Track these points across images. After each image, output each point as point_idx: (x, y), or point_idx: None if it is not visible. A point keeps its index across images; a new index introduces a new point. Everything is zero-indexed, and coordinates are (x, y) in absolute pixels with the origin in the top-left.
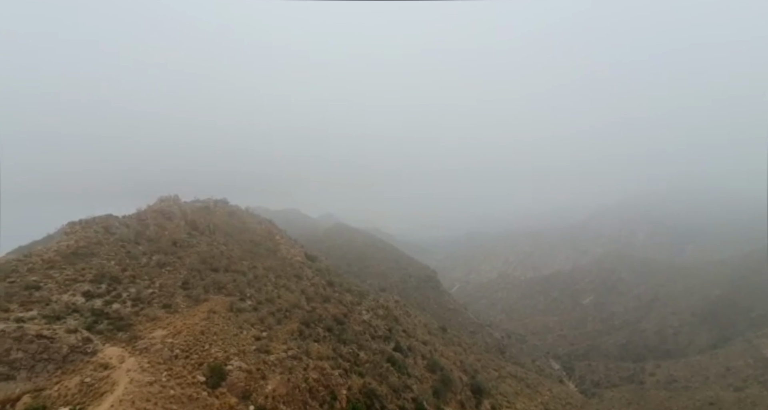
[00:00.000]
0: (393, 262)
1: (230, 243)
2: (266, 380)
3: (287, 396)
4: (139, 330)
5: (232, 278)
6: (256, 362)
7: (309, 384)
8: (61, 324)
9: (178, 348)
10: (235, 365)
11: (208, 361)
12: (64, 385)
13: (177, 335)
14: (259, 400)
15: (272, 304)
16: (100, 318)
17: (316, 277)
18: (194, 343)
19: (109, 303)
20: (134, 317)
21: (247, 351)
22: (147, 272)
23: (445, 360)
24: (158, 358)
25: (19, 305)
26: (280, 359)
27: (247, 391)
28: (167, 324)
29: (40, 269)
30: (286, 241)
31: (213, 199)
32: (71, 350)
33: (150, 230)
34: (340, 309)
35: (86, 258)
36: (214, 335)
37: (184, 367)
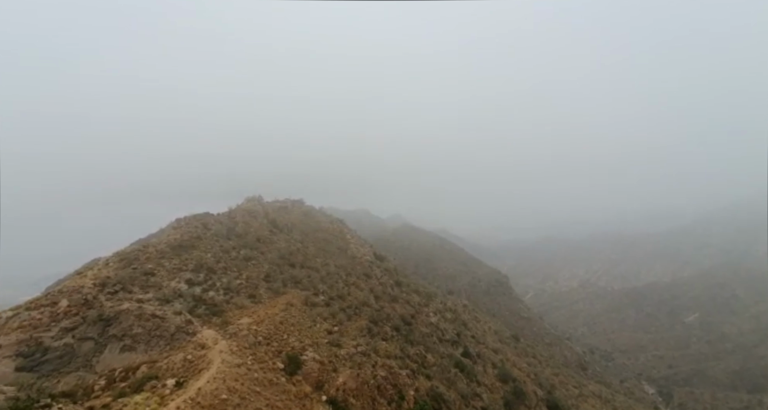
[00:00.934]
0: (461, 265)
1: (305, 241)
2: (337, 373)
3: (356, 391)
4: (230, 317)
5: (307, 273)
6: (328, 355)
7: (377, 381)
8: (169, 306)
9: (261, 336)
10: (310, 356)
11: (286, 350)
12: (171, 359)
13: (260, 323)
14: (331, 391)
15: (343, 300)
16: (199, 304)
17: (384, 276)
18: (274, 332)
19: (206, 291)
20: (225, 304)
21: (320, 343)
22: (236, 264)
23: (517, 371)
24: (245, 343)
25: (140, 288)
26: (350, 354)
27: (320, 381)
28: (252, 312)
29: (155, 259)
30: (356, 240)
31: (291, 199)
32: (177, 329)
33: (238, 227)
34: (407, 310)
35: (189, 250)
36: (291, 326)
37: (266, 353)
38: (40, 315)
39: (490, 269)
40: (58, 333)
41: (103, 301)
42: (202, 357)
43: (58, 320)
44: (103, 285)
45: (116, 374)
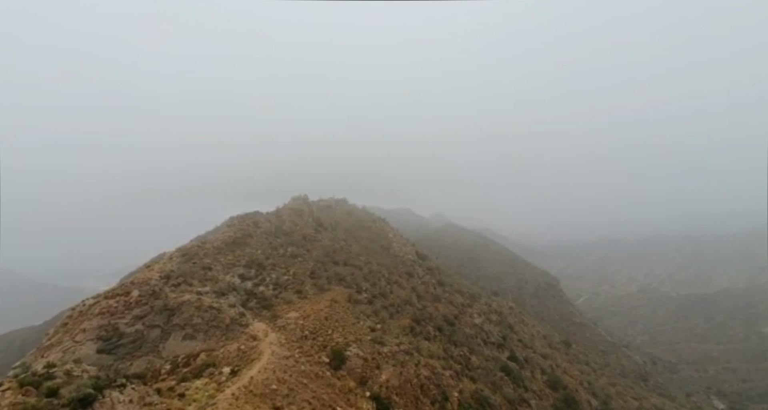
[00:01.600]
0: (507, 265)
1: (349, 239)
2: (380, 370)
3: (399, 389)
4: (278, 311)
5: (350, 271)
6: (372, 352)
7: (420, 380)
8: (224, 299)
9: (308, 330)
10: (353, 352)
11: (331, 345)
12: (226, 349)
13: (306, 318)
14: (375, 388)
15: (385, 298)
16: (250, 297)
17: (426, 276)
18: (320, 327)
19: (257, 285)
20: (274, 299)
21: (364, 340)
22: (284, 261)
23: (569, 378)
24: (292, 336)
25: (199, 281)
26: (393, 352)
27: (363, 378)
28: (299, 307)
29: (212, 254)
30: (398, 239)
31: (334, 198)
32: (231, 321)
33: (286, 225)
34: (450, 310)
35: (241, 247)
36: (336, 322)
37: (312, 347)
38: (116, 303)
39: (538, 271)
40: (130, 320)
41: (168, 292)
42: (253, 347)
43: (130, 308)
44: (168, 278)
45: (179, 360)
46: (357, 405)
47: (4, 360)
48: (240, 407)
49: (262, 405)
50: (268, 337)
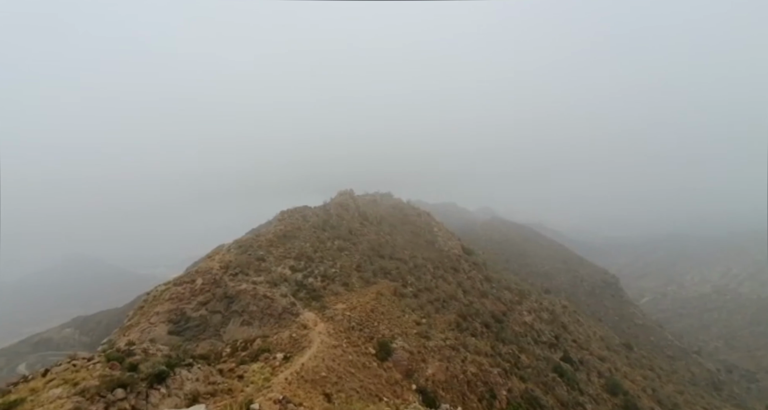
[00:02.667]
0: (560, 262)
1: (394, 233)
2: (426, 364)
3: (446, 384)
4: (326, 302)
5: (395, 265)
6: (417, 345)
7: (467, 376)
8: (277, 289)
9: (354, 321)
10: (399, 344)
11: (377, 336)
12: (279, 336)
13: (353, 310)
14: (421, 381)
15: (431, 293)
16: (300, 288)
17: (472, 271)
18: (366, 319)
19: (306, 277)
20: (323, 290)
21: (409, 333)
22: (331, 254)
23: (629, 383)
24: (340, 327)
25: (254, 271)
26: (438, 346)
27: (409, 370)
28: (346, 299)
29: (265, 246)
30: (443, 233)
31: (379, 193)
32: (284, 310)
33: (332, 219)
34: (498, 307)
35: (291, 240)
36: (382, 314)
37: (359, 338)
38: (183, 290)
39: (595, 268)
40: (195, 306)
41: (227, 281)
42: (304, 336)
43: (195, 295)
44: (227, 268)
45: (238, 344)
46: (403, 397)
47: (94, 337)
48: (293, 391)
49: (313, 391)
50: (318, 327)
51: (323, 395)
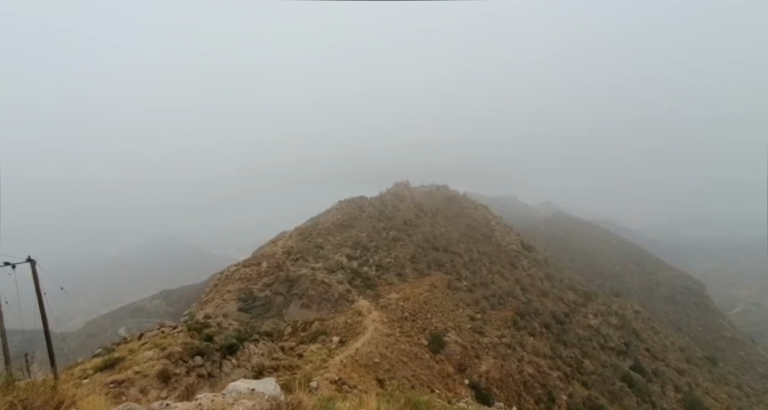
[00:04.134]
0: (633, 264)
1: (449, 226)
2: (480, 360)
3: (500, 382)
4: (380, 290)
5: (450, 258)
6: (471, 340)
7: (524, 376)
8: (334, 276)
9: (407, 311)
10: (452, 338)
11: (429, 328)
12: (335, 320)
13: (406, 300)
14: (473, 376)
15: (486, 288)
16: (356, 276)
17: (532, 268)
18: (419, 310)
19: (361, 266)
20: (377, 279)
21: (463, 327)
22: (386, 244)
23: (712, 400)
24: (393, 316)
25: (313, 258)
26: (493, 343)
27: (462, 365)
28: (399, 289)
29: (323, 234)
30: (501, 228)
31: (435, 185)
32: (340, 296)
33: (388, 210)
34: (560, 307)
35: (348, 229)
36: (435, 307)
37: (411, 328)
38: (251, 271)
39: (675, 273)
40: (261, 287)
41: (289, 266)
42: (359, 322)
43: (261, 276)
44: (289, 253)
45: (298, 324)
46: (455, 390)
47: (178, 308)
48: (347, 374)
49: (366, 376)
50: (372, 314)
51: (376, 380)
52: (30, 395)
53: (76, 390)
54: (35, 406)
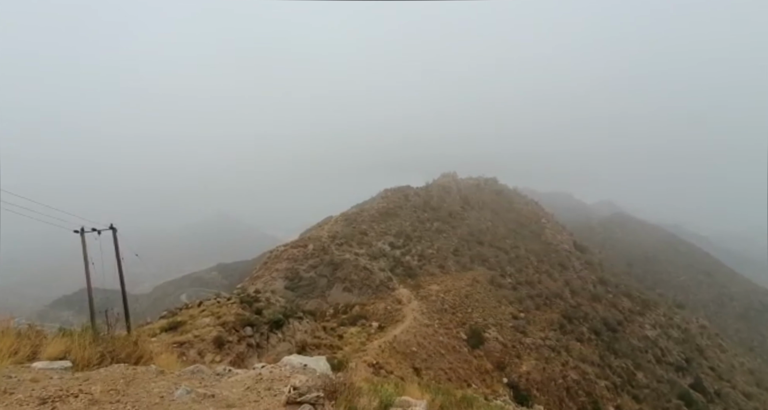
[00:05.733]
0: (702, 273)
1: (495, 220)
2: (521, 360)
3: (541, 384)
4: (421, 281)
5: (494, 253)
6: (512, 339)
7: (567, 382)
8: (376, 262)
9: (448, 304)
10: (492, 335)
11: (469, 323)
12: (375, 306)
13: (447, 292)
14: (513, 376)
15: (532, 287)
16: (397, 265)
17: (584, 270)
18: (459, 303)
19: (404, 255)
20: (418, 269)
21: (504, 325)
22: (429, 235)
23: None
24: (433, 307)
25: (356, 244)
26: (536, 344)
27: (501, 363)
28: (440, 281)
29: (367, 221)
30: (552, 226)
31: (483, 177)
32: (380, 283)
33: (433, 200)
34: (613, 314)
35: (392, 218)
36: (476, 301)
37: (451, 321)
38: (298, 252)
39: (751, 287)
40: (306, 268)
41: (333, 250)
42: (398, 310)
43: (307, 258)
44: (333, 238)
45: (339, 307)
46: (493, 388)
47: (232, 281)
48: (385, 359)
49: (403, 362)
50: (411, 303)
51: (413, 368)
52: (116, 347)
53: (152, 347)
54: (120, 358)
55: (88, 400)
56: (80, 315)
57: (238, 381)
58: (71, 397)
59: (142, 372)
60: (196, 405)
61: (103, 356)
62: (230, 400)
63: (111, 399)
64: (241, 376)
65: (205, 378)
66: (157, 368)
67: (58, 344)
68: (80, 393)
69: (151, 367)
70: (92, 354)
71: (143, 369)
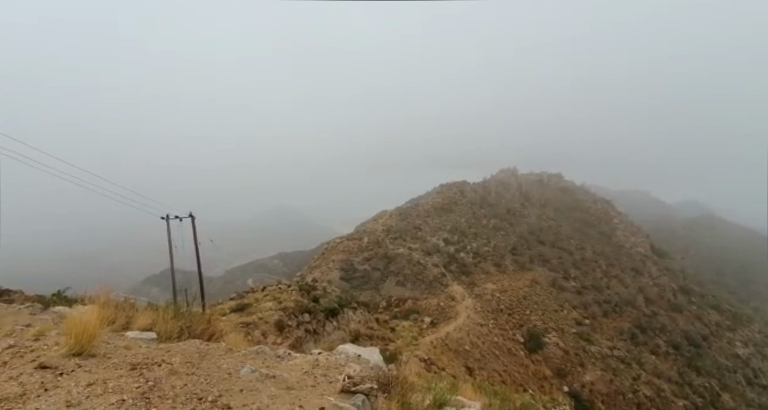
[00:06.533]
0: None
1: (559, 219)
2: (584, 369)
3: (607, 397)
4: (476, 279)
5: (557, 254)
6: (575, 346)
7: (638, 398)
8: (430, 258)
9: (504, 304)
10: (553, 340)
11: (527, 325)
12: (428, 301)
13: (503, 292)
14: (574, 385)
15: (599, 292)
16: (451, 261)
17: (663, 277)
18: (517, 304)
19: (458, 251)
20: (473, 267)
21: (567, 331)
22: (485, 232)
23: None
24: (488, 307)
25: (410, 238)
26: (602, 354)
27: (562, 370)
28: (496, 280)
29: (422, 216)
30: (626, 226)
31: (547, 173)
32: (434, 278)
33: (491, 196)
34: (697, 327)
35: (447, 213)
36: (535, 304)
37: (507, 322)
38: (353, 245)
39: None
40: (361, 260)
41: (388, 244)
42: (451, 307)
43: (362, 251)
44: (388, 232)
45: (392, 300)
46: (551, 395)
47: (292, 269)
48: (436, 355)
49: (455, 360)
50: (465, 301)
51: (465, 367)
52: (193, 324)
53: (222, 326)
54: (196, 333)
55: (169, 370)
56: (165, 292)
57: (296, 365)
58: (155, 366)
59: (214, 349)
60: (259, 384)
61: (182, 330)
62: (290, 382)
63: (187, 370)
64: (299, 360)
65: (267, 359)
66: (226, 346)
67: (146, 317)
68: (162, 362)
69: (221, 345)
70: (173, 328)
71: (215, 346)
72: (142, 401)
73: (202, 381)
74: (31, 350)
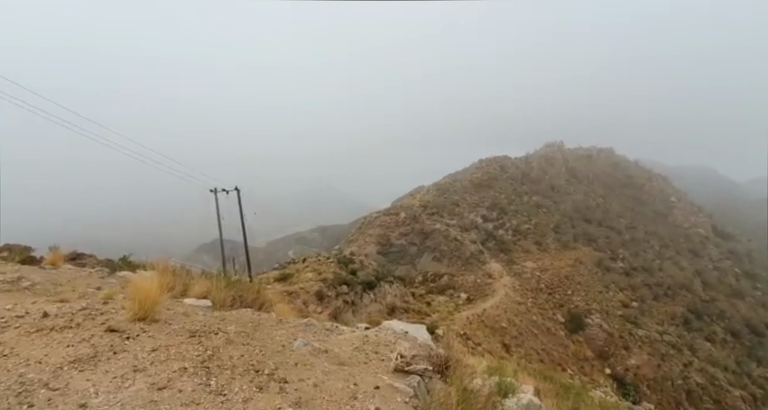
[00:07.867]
0: None
1: (609, 197)
2: (629, 352)
3: (653, 382)
4: (515, 257)
5: (604, 233)
6: (620, 329)
7: (688, 384)
8: (467, 234)
9: (544, 283)
10: (596, 321)
11: (569, 306)
12: (465, 278)
13: (544, 271)
14: (617, 368)
15: (650, 275)
16: (489, 238)
17: (724, 260)
18: (558, 284)
19: (497, 228)
20: (512, 245)
21: (611, 313)
22: (526, 209)
23: None
24: (527, 285)
25: (448, 214)
26: (650, 338)
27: (604, 352)
28: (537, 259)
29: (460, 192)
30: (684, 205)
31: (597, 147)
32: (471, 255)
33: (534, 172)
34: (760, 315)
35: (486, 189)
36: (578, 284)
37: (546, 302)
38: (390, 220)
39: None
40: (398, 235)
41: (424, 219)
42: (488, 284)
43: (398, 226)
44: (425, 207)
45: (428, 275)
46: (592, 377)
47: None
48: (472, 331)
49: (491, 337)
50: (503, 279)
51: (502, 344)
52: (244, 292)
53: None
54: (247, 302)
55: (225, 339)
56: (215, 260)
57: (346, 340)
58: (212, 334)
59: (265, 319)
60: (313, 358)
61: (234, 299)
62: (342, 358)
63: (243, 341)
64: (348, 335)
65: (317, 332)
66: (277, 316)
67: (201, 285)
68: (219, 331)
69: (272, 315)
70: (226, 297)
71: (266, 316)
72: (202, 370)
73: (257, 353)
74: (101, 313)
